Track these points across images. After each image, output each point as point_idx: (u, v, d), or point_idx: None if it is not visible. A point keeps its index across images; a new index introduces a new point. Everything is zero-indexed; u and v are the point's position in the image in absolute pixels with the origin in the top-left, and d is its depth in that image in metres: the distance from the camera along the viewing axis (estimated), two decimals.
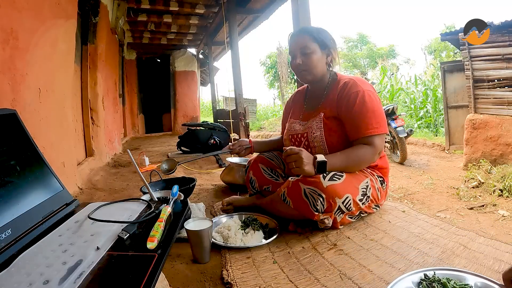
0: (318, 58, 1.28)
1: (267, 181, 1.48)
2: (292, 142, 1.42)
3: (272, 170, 1.50)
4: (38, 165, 0.90)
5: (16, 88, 1.28)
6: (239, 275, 0.92)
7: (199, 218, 1.07)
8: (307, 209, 1.13)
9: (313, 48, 1.27)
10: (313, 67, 1.28)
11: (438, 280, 0.75)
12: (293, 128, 1.42)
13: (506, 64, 3.63)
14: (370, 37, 22.05)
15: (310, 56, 1.27)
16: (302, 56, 1.28)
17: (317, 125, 1.30)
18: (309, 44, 1.26)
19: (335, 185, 1.11)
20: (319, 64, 1.28)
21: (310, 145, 1.32)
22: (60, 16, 1.80)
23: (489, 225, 2.28)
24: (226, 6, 4.13)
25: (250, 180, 1.52)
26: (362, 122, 1.18)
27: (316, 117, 1.32)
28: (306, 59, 1.27)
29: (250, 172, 1.52)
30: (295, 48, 1.29)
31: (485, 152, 3.79)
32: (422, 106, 7.87)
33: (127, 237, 0.70)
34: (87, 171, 2.44)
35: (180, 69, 7.30)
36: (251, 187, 1.53)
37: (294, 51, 1.30)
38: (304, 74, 1.31)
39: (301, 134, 1.36)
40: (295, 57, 1.30)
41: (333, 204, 1.11)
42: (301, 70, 1.30)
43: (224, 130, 3.77)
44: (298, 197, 1.14)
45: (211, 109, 9.69)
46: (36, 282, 0.55)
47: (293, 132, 1.41)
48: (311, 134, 1.31)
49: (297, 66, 1.30)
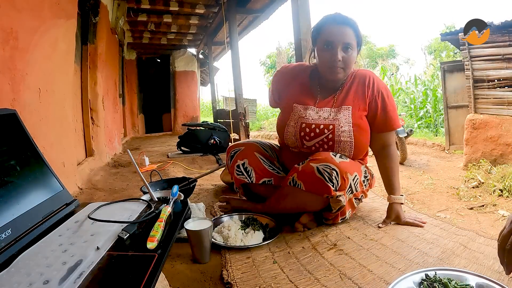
0: (354, 57, 1.19)
1: (268, 173, 1.33)
2: (302, 132, 1.23)
3: (271, 162, 1.36)
4: (38, 165, 0.90)
5: (16, 88, 1.28)
6: (239, 275, 0.92)
7: (199, 218, 1.07)
8: (322, 186, 1.10)
9: (354, 45, 1.16)
10: (350, 66, 1.18)
11: (440, 280, 0.75)
12: (308, 115, 1.24)
13: (506, 64, 3.64)
14: (370, 37, 22.10)
15: (351, 53, 1.16)
16: (344, 52, 1.15)
17: (346, 119, 1.19)
18: (353, 40, 1.15)
19: (345, 163, 1.14)
20: (353, 63, 1.19)
21: (335, 139, 1.18)
22: (60, 16, 1.80)
23: (489, 225, 2.29)
24: (226, 6, 4.13)
25: (246, 169, 1.33)
26: (394, 115, 1.23)
27: (344, 109, 1.21)
28: (347, 57, 1.15)
29: (245, 160, 1.32)
30: (338, 40, 1.13)
31: (485, 152, 3.79)
32: (422, 106, 7.88)
33: (127, 237, 0.70)
34: (87, 171, 2.44)
35: (180, 69, 7.30)
36: (246, 175, 1.33)
37: (335, 42, 1.14)
38: (339, 71, 1.17)
39: (324, 126, 1.20)
40: (335, 51, 1.14)
41: (346, 180, 1.12)
42: (338, 67, 1.16)
43: (224, 130, 3.77)
44: (311, 176, 1.11)
45: (211, 109, 9.69)
46: (36, 282, 0.55)
47: (308, 121, 1.22)
48: (338, 127, 1.18)
49: (335, 61, 1.14)
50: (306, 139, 1.23)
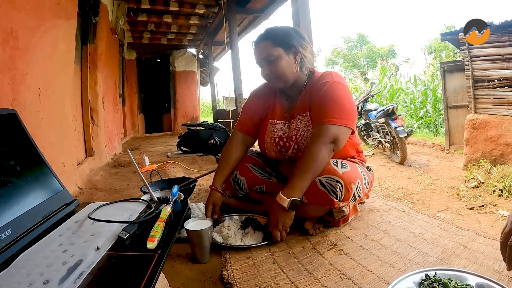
0: (285, 62, 1.18)
1: (260, 181, 1.37)
2: (278, 146, 1.30)
3: (262, 169, 1.39)
4: (38, 165, 0.90)
5: (16, 88, 1.28)
6: (239, 275, 0.92)
7: (199, 218, 1.07)
8: (326, 198, 1.09)
9: (276, 53, 1.17)
10: (282, 73, 1.19)
11: (439, 280, 0.75)
12: (278, 129, 1.31)
13: (506, 64, 3.63)
14: (370, 37, 22.12)
15: (275, 63, 1.18)
16: (268, 65, 1.19)
17: (306, 126, 1.22)
18: (272, 50, 1.17)
19: (348, 172, 1.12)
20: (287, 68, 1.19)
21: (301, 148, 1.24)
22: (60, 16, 1.80)
23: (489, 225, 2.28)
24: (226, 6, 4.13)
25: (238, 181, 1.38)
26: (323, 109, 1.14)
27: (303, 117, 1.23)
28: (273, 67, 1.19)
29: (236, 173, 1.38)
30: (259, 58, 1.21)
31: (485, 152, 3.79)
32: (422, 106, 7.87)
33: (127, 237, 0.70)
34: (87, 171, 2.44)
35: (180, 69, 7.29)
36: (239, 189, 1.39)
37: (260, 61, 1.22)
38: (276, 82, 1.23)
39: (289, 137, 1.26)
40: (262, 67, 1.23)
41: (350, 191, 1.11)
42: (272, 79, 1.23)
43: (224, 130, 3.77)
44: (313, 189, 1.10)
45: (211, 109, 9.70)
46: (36, 282, 0.55)
47: (279, 135, 1.30)
48: (300, 136, 1.23)
49: (266, 76, 1.23)
50: (283, 151, 1.30)
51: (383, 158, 4.72)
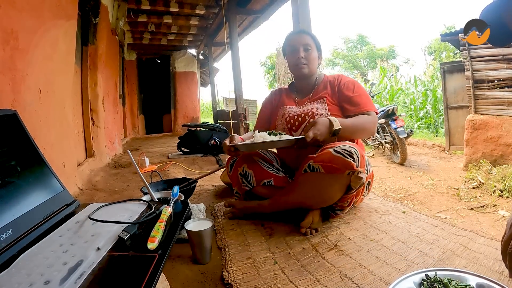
0: (315, 56, 1.46)
1: (268, 174, 1.37)
2: (289, 124, 1.43)
3: (270, 164, 1.42)
4: (39, 166, 0.90)
5: (16, 88, 1.29)
6: (240, 275, 0.92)
7: (200, 219, 1.07)
8: (343, 162, 1.08)
9: (313, 46, 1.45)
10: (312, 62, 1.45)
11: (440, 280, 0.75)
12: (290, 111, 1.47)
13: (506, 64, 3.63)
14: (370, 38, 22.12)
15: (311, 52, 1.44)
16: (305, 51, 1.43)
17: (322, 107, 1.39)
18: (310, 42, 1.44)
19: (357, 146, 1.18)
20: (315, 61, 1.46)
21: None
22: (60, 16, 1.80)
23: (489, 226, 2.28)
24: (226, 7, 4.13)
25: (245, 174, 1.38)
26: (363, 100, 1.37)
27: (319, 100, 1.42)
28: (308, 54, 1.43)
29: (244, 166, 1.39)
30: (298, 43, 1.43)
31: (485, 152, 3.78)
32: (422, 106, 7.87)
33: (128, 237, 0.71)
34: (87, 172, 2.44)
35: (180, 70, 7.30)
36: (246, 183, 1.38)
37: (297, 45, 1.43)
38: (304, 67, 1.44)
39: (305, 113, 1.41)
40: (297, 51, 1.42)
41: (363, 158, 1.14)
42: (302, 63, 1.43)
43: (224, 131, 3.77)
44: (329, 157, 1.10)
45: (211, 109, 9.69)
46: (37, 283, 0.55)
47: (291, 114, 1.44)
48: (316, 113, 1.37)
49: (299, 59, 1.42)
50: (293, 129, 1.42)
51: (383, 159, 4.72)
